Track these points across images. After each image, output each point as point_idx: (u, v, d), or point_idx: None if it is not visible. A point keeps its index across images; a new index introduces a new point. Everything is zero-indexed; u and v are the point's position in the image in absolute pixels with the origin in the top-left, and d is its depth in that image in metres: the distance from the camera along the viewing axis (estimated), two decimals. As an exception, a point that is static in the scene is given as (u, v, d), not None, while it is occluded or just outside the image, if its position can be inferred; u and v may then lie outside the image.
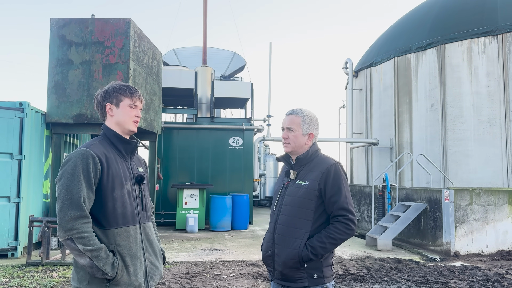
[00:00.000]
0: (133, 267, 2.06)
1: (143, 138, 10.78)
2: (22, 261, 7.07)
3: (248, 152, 12.85)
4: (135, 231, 2.12)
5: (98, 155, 2.06)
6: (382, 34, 14.34)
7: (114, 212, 2.05)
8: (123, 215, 2.08)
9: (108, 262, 1.96)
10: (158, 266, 2.22)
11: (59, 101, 8.39)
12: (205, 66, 13.80)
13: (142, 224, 2.18)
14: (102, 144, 2.15)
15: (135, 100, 2.21)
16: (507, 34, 10.31)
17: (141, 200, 2.21)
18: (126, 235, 2.07)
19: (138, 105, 2.23)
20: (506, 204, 8.57)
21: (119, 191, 2.08)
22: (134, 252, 2.08)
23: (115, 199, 2.06)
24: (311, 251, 2.24)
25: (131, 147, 2.21)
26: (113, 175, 2.07)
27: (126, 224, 2.08)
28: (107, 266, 1.95)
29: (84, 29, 8.55)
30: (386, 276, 6.37)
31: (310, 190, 2.33)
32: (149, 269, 2.15)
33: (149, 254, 2.18)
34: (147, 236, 2.20)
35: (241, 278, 6.16)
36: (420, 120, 11.47)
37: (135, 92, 2.22)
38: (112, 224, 2.05)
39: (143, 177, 2.24)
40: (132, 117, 2.20)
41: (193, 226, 10.90)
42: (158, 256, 2.25)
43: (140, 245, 2.13)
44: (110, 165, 2.08)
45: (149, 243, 2.20)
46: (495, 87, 10.37)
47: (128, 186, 2.14)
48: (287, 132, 2.44)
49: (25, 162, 7.55)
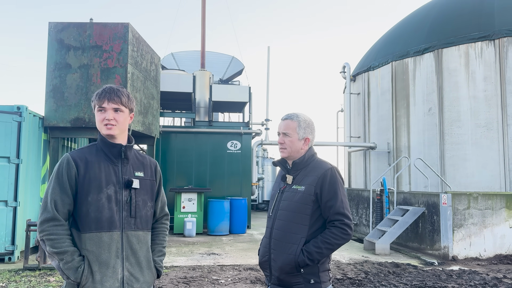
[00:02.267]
0: (100, 274, 1.98)
1: (141, 142, 10.78)
2: (19, 265, 7.03)
3: (246, 156, 12.85)
4: (109, 238, 2.02)
5: (75, 159, 2.06)
6: (380, 39, 14.40)
7: (87, 216, 2.02)
8: (97, 220, 2.01)
9: (71, 266, 1.94)
10: (139, 278, 2.08)
11: (57, 105, 8.38)
12: (203, 70, 13.82)
13: (125, 232, 2.07)
14: (90, 149, 2.14)
15: (102, 102, 2.10)
16: (504, 38, 10.36)
17: (129, 206, 2.11)
18: (97, 240, 2.01)
19: (106, 107, 2.10)
20: (503, 208, 8.58)
21: (95, 196, 2.03)
22: (104, 259, 2.00)
23: (89, 203, 2.02)
24: (307, 256, 2.24)
25: (116, 150, 2.14)
26: (89, 179, 2.04)
27: (99, 230, 2.01)
28: (70, 270, 1.93)
29: (82, 33, 8.56)
30: (384, 281, 6.37)
31: (306, 195, 2.32)
32: (127, 280, 2.04)
33: (129, 264, 2.06)
34: (130, 245, 2.08)
35: (239, 282, 6.14)
36: (417, 124, 11.50)
37: (103, 94, 2.11)
38: (85, 229, 2.01)
39: (130, 182, 2.11)
40: (102, 121, 2.11)
41: (191, 230, 10.87)
42: (143, 268, 2.11)
43: (115, 252, 2.03)
44: (88, 169, 2.06)
45: (132, 252, 2.08)
46: (492, 91, 10.41)
47: (109, 191, 2.06)
48: (283, 137, 2.44)
49: (22, 166, 7.53)
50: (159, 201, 2.32)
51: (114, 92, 2.12)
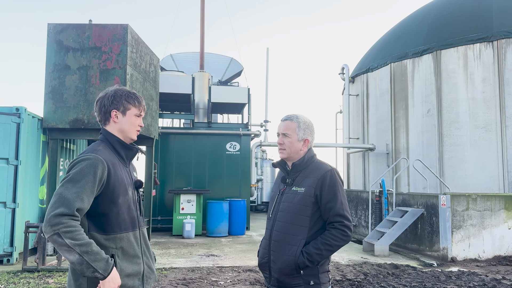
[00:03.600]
0: (131, 269, 2.07)
1: (140, 143, 10.77)
2: (18, 267, 7.02)
3: (245, 157, 12.85)
4: (135, 236, 2.15)
5: (106, 161, 2.04)
6: (379, 40, 14.43)
7: (117, 218, 2.05)
8: (125, 221, 2.09)
9: (100, 258, 1.86)
10: (153, 269, 2.24)
11: (56, 106, 8.38)
12: (202, 72, 13.82)
13: (141, 229, 2.21)
14: (106, 150, 2.13)
15: (141, 109, 2.22)
16: (502, 40, 10.39)
17: (139, 205, 2.24)
18: (127, 240, 2.09)
19: (143, 114, 2.25)
20: (502, 210, 8.59)
21: (124, 197, 2.09)
22: (133, 256, 2.10)
23: (120, 205, 2.07)
24: (307, 258, 2.24)
25: (132, 153, 2.23)
26: (118, 181, 2.07)
27: (127, 230, 2.10)
28: (99, 262, 1.84)
29: (82, 35, 8.56)
30: (383, 282, 6.37)
31: (306, 197, 2.33)
32: (146, 273, 2.16)
33: (146, 258, 2.20)
34: (145, 240, 2.23)
35: (238, 284, 6.14)
36: (416, 126, 11.52)
37: (142, 101, 2.23)
38: (115, 230, 2.04)
39: (142, 183, 2.26)
40: (136, 127, 2.21)
41: (190, 232, 10.86)
42: (152, 260, 2.28)
43: (139, 249, 2.15)
44: (116, 171, 2.08)
45: (146, 247, 2.23)
46: (491, 93, 10.43)
47: (130, 192, 2.15)
48: (282, 138, 2.44)
49: (21, 167, 7.52)
50: None
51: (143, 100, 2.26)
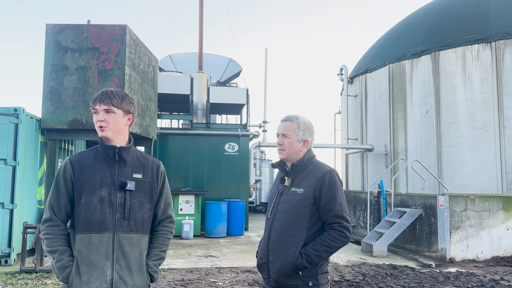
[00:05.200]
0: (87, 275, 2.00)
1: (138, 143, 10.76)
2: (16, 268, 7.00)
3: (244, 158, 12.84)
4: (99, 239, 2.04)
5: (72, 162, 2.14)
6: (377, 41, 14.44)
7: (79, 217, 2.07)
8: (88, 222, 2.05)
9: (60, 266, 2.02)
10: (127, 281, 2.06)
11: (54, 107, 8.36)
12: (201, 72, 13.81)
13: (117, 234, 2.06)
14: (90, 152, 2.20)
15: (95, 104, 2.15)
16: (500, 41, 10.42)
17: (123, 208, 2.10)
18: (87, 241, 2.04)
19: (98, 108, 2.14)
20: (500, 210, 8.60)
21: (88, 197, 2.07)
22: (92, 261, 2.02)
23: (82, 204, 2.07)
24: (305, 259, 2.24)
25: (111, 152, 2.16)
26: (82, 181, 2.09)
27: (89, 231, 2.04)
28: (58, 270, 2.02)
29: (80, 35, 8.54)
30: (382, 283, 6.37)
31: (305, 197, 2.32)
32: (116, 282, 2.04)
33: (119, 267, 2.05)
34: (121, 247, 2.06)
35: (237, 285, 6.13)
36: (415, 126, 11.53)
37: (96, 97, 2.16)
38: (77, 229, 2.07)
39: (124, 184, 2.11)
40: (96, 123, 2.16)
41: (188, 233, 10.85)
42: (133, 271, 2.08)
43: (105, 254, 2.04)
44: (83, 171, 2.11)
45: (122, 254, 2.06)
46: (489, 94, 10.45)
47: (103, 193, 2.08)
48: (282, 138, 2.44)
49: (19, 168, 7.50)
50: (161, 203, 2.27)
51: (106, 94, 2.16)
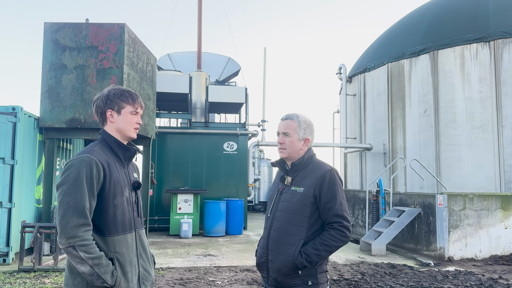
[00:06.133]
0: (130, 274, 2.07)
1: (137, 142, 10.73)
2: (14, 267, 6.98)
3: (243, 157, 12.84)
4: (132, 238, 2.12)
5: (101, 162, 2.03)
6: (376, 40, 14.45)
7: (114, 219, 2.04)
8: (122, 223, 2.08)
9: (108, 270, 1.95)
10: (150, 272, 2.22)
11: (52, 105, 8.34)
12: (199, 71, 13.79)
13: (137, 231, 2.18)
14: (103, 151, 2.12)
15: (137, 107, 2.19)
16: (498, 40, 10.43)
17: (137, 206, 2.21)
18: (125, 242, 2.07)
19: (139, 111, 2.21)
20: (499, 209, 8.62)
21: (120, 198, 2.07)
22: (131, 259, 2.09)
23: (116, 206, 2.05)
24: (305, 258, 2.23)
25: (130, 153, 2.19)
26: (114, 182, 2.06)
27: (124, 232, 2.08)
28: (107, 274, 1.94)
29: (78, 34, 8.52)
30: (381, 281, 6.37)
31: (305, 197, 2.31)
32: (142, 275, 2.15)
33: (142, 261, 2.17)
34: (141, 243, 2.20)
35: (236, 284, 6.13)
36: (413, 126, 11.54)
37: (136, 98, 2.20)
38: (112, 232, 2.04)
39: (140, 184, 2.23)
40: (134, 124, 2.19)
41: (187, 232, 10.84)
42: (150, 262, 2.26)
43: (135, 251, 2.13)
44: (111, 172, 2.07)
45: (143, 249, 2.20)
46: (488, 93, 10.47)
47: (126, 193, 2.13)
48: (283, 137, 2.42)
49: (17, 167, 7.48)
50: None
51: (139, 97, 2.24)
